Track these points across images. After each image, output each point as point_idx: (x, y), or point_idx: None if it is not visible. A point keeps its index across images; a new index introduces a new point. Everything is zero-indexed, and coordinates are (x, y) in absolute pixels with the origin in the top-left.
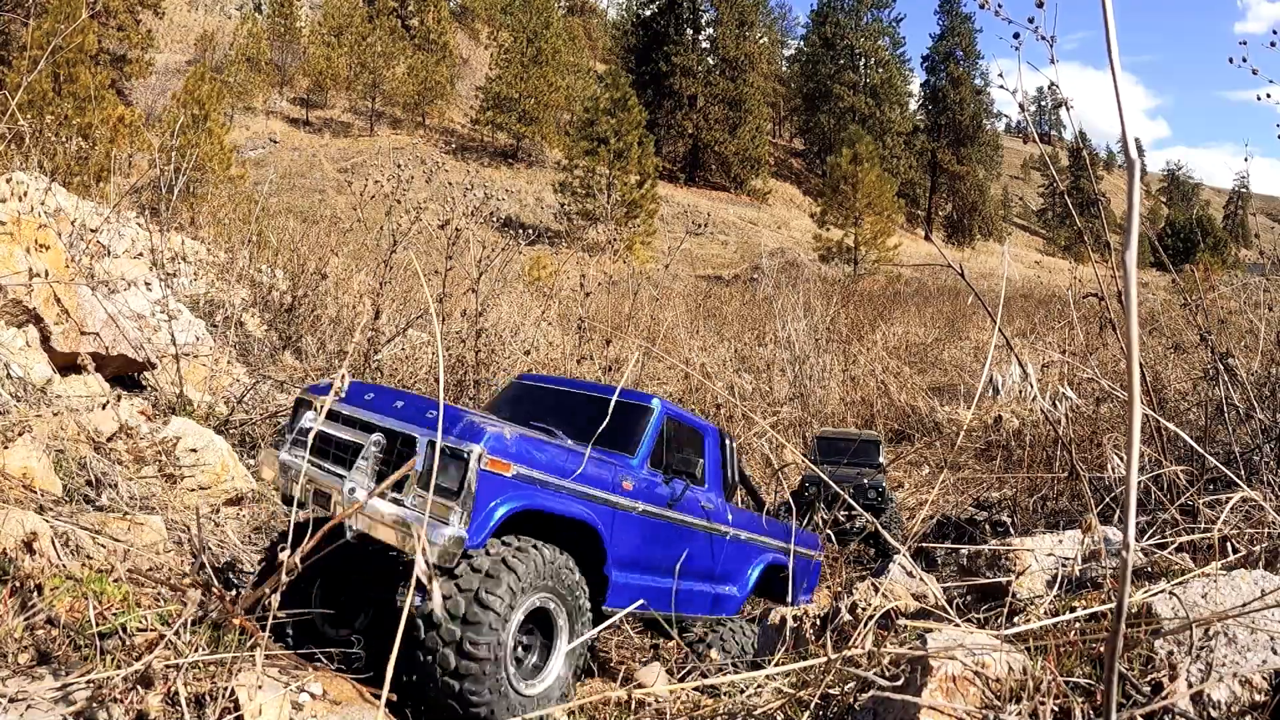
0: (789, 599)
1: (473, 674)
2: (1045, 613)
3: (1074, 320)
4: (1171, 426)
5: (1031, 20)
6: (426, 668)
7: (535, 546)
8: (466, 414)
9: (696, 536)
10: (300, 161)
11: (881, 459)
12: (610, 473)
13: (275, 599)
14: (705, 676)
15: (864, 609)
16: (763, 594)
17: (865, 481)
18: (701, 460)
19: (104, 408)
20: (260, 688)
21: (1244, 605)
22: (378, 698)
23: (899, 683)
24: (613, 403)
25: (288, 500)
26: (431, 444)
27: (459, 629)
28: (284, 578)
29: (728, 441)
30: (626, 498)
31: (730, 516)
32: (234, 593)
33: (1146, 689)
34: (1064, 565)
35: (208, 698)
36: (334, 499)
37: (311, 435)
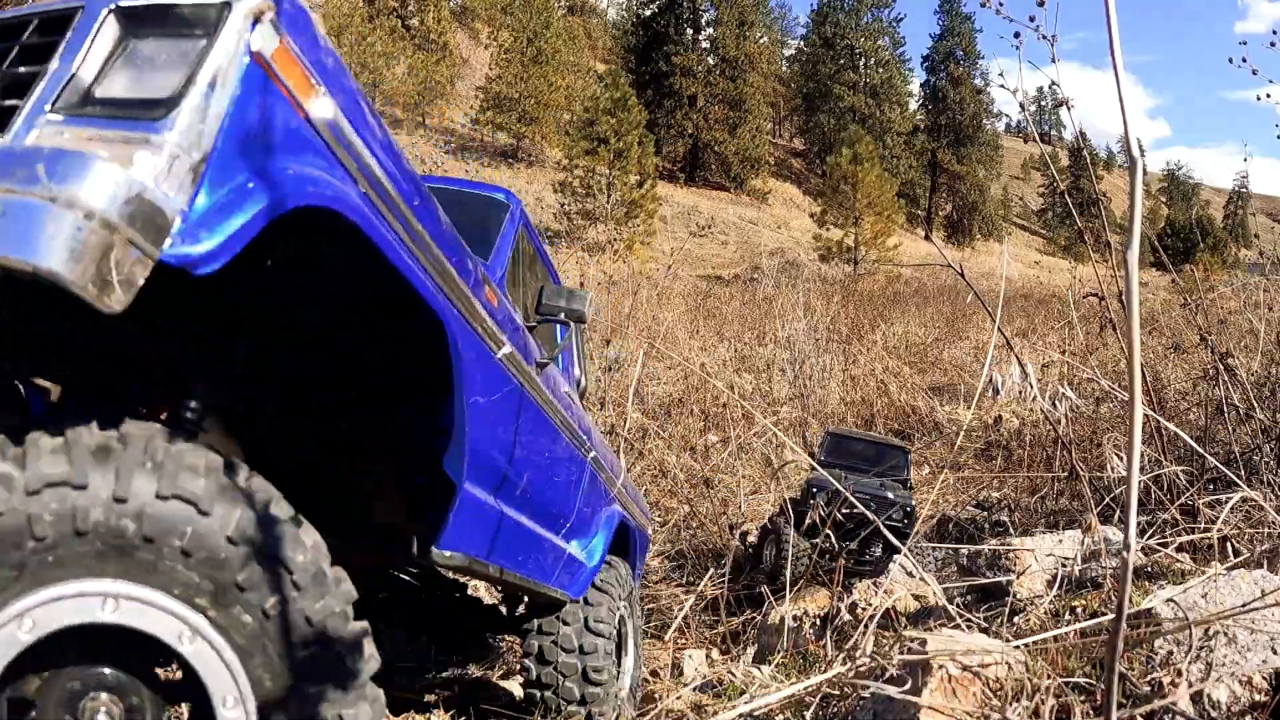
0: None
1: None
2: (1045, 613)
3: (1074, 320)
4: (1171, 426)
5: (1032, 19)
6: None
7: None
8: None
9: (560, 442)
10: None
11: (909, 476)
12: (470, 264)
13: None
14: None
15: (864, 609)
16: None
17: (890, 496)
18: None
19: None
20: None
21: (1244, 605)
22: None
23: (899, 683)
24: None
25: None
26: (113, 8)
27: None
28: None
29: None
30: (490, 317)
31: (589, 427)
32: None
33: (1146, 689)
34: (1064, 565)
35: None
36: None
37: None
